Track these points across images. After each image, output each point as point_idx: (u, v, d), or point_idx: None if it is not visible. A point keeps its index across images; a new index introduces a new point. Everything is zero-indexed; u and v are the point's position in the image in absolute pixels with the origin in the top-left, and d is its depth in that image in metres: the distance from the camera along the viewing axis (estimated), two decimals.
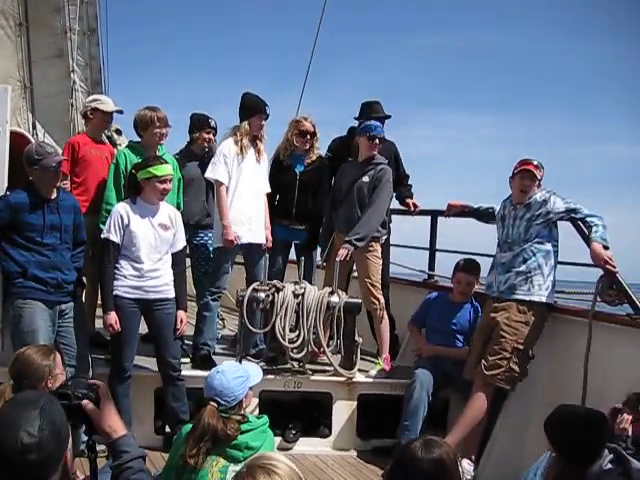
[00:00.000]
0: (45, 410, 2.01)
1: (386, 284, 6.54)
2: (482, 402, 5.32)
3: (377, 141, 6.18)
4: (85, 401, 2.45)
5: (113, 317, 5.22)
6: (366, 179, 6.15)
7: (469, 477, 5.24)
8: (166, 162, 5.45)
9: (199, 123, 6.74)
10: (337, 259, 6.02)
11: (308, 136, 6.51)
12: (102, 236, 5.32)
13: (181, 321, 5.44)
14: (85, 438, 2.90)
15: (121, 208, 5.33)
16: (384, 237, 6.36)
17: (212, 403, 3.52)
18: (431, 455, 2.47)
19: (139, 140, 5.97)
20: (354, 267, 6.50)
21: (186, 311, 5.55)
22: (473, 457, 5.39)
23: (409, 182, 7.03)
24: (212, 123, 6.77)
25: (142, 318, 5.44)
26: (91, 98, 6.77)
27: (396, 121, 7.01)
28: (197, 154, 6.70)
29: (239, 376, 3.66)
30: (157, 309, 5.37)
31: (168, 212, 5.48)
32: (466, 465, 5.18)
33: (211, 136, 6.74)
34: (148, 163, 5.38)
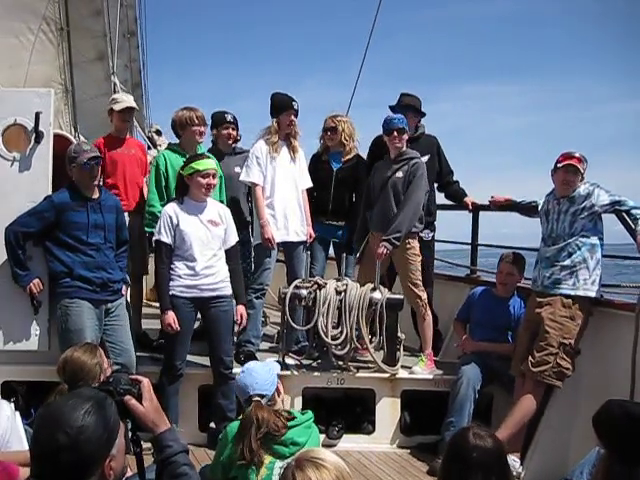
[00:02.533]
0: (89, 413, 2.02)
1: (430, 282, 6.50)
2: (531, 400, 5.25)
3: (395, 133, 6.09)
4: (127, 397, 2.46)
5: (171, 316, 5.26)
6: (400, 175, 6.08)
7: (515, 473, 5.19)
8: (209, 157, 5.50)
9: (217, 120, 6.70)
10: (377, 257, 6.00)
11: (329, 132, 6.60)
12: (154, 238, 5.38)
13: (241, 316, 5.48)
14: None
15: (170, 209, 5.38)
16: (425, 233, 6.33)
17: (256, 399, 3.55)
18: (486, 444, 2.57)
19: (178, 142, 6.02)
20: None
21: (246, 306, 5.59)
22: (518, 454, 5.33)
23: (455, 179, 6.92)
24: (228, 117, 6.68)
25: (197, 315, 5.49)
26: (110, 98, 6.88)
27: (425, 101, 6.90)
28: (222, 151, 6.67)
29: (263, 365, 3.80)
30: (213, 306, 5.40)
31: (217, 208, 5.51)
32: (512, 461, 5.13)
33: (230, 131, 6.68)
34: (191, 159, 5.43)
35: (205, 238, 5.35)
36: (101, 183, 5.91)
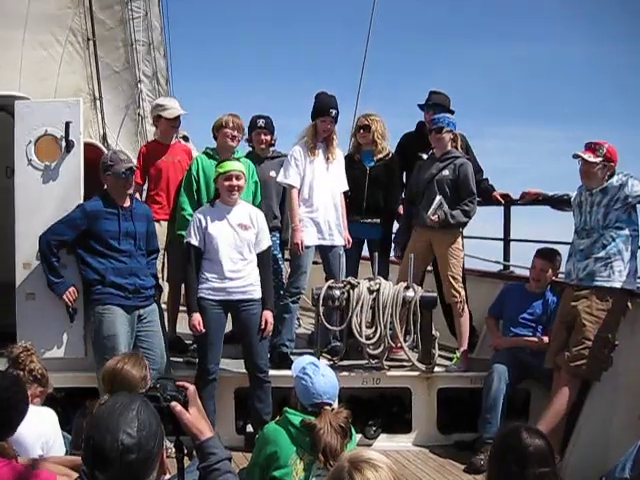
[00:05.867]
0: (141, 411, 2.06)
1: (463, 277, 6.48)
2: (566, 395, 5.19)
3: (435, 134, 6.12)
4: (174, 403, 2.48)
5: (196, 318, 5.28)
6: (446, 172, 6.08)
7: None
8: (236, 160, 5.51)
9: (250, 125, 6.68)
10: (411, 255, 5.99)
11: (362, 130, 6.57)
12: (185, 241, 5.41)
13: (266, 322, 5.43)
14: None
15: (200, 212, 5.40)
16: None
17: (327, 407, 3.54)
18: (539, 440, 2.60)
19: (214, 147, 6.05)
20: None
21: (273, 312, 5.56)
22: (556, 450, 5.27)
23: (484, 176, 6.84)
24: (260, 122, 6.64)
25: (229, 319, 5.50)
26: (155, 103, 6.90)
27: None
28: (259, 156, 6.67)
29: (332, 372, 3.75)
30: (243, 310, 5.39)
31: (248, 212, 5.49)
32: None
33: (262, 136, 6.65)
34: (218, 163, 5.47)
35: (233, 241, 5.34)
36: (144, 192, 5.95)
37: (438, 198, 6.02)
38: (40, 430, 3.58)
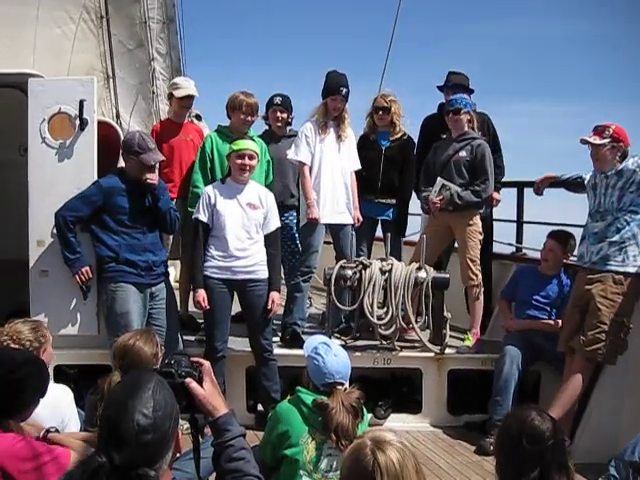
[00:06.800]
0: (156, 391, 2.05)
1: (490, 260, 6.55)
2: (580, 379, 5.19)
3: (453, 115, 6.10)
4: (188, 379, 2.48)
5: (201, 294, 5.31)
6: (463, 154, 6.06)
7: None
8: (250, 139, 5.51)
9: (267, 103, 6.66)
10: (423, 235, 5.99)
11: (380, 112, 6.52)
12: (193, 217, 5.43)
13: (272, 302, 5.44)
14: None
15: (210, 189, 5.42)
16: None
17: (339, 387, 3.54)
18: (549, 424, 2.60)
19: (227, 125, 6.04)
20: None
21: (279, 292, 5.57)
22: (567, 433, 5.26)
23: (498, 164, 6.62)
24: (276, 100, 6.59)
25: (236, 298, 5.51)
26: (171, 82, 6.91)
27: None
28: (276, 134, 6.65)
29: (344, 352, 3.74)
30: (249, 290, 5.41)
31: (258, 192, 5.49)
32: None
33: (278, 114, 6.59)
34: (232, 141, 5.47)
35: (241, 220, 5.35)
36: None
37: (438, 180, 6.01)
38: (55, 408, 3.60)
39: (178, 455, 3.66)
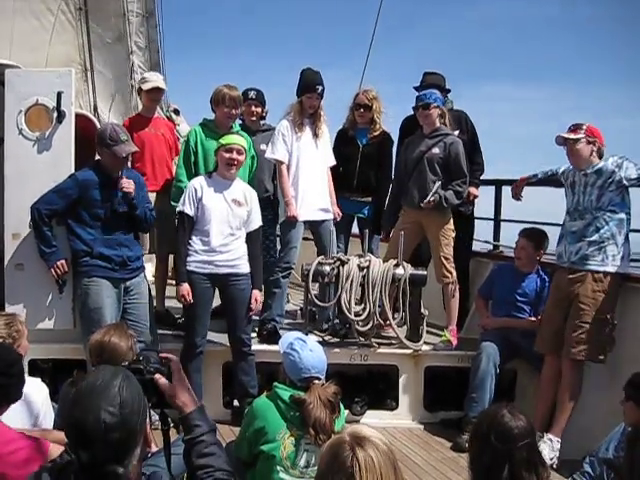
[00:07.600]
0: (123, 388, 2.05)
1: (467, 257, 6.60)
2: (577, 385, 5.25)
3: (423, 110, 6.04)
4: (157, 375, 2.47)
5: (185, 288, 5.31)
6: (436, 150, 6.02)
7: (555, 454, 5.16)
8: (239, 134, 5.50)
9: (243, 97, 6.50)
10: (401, 232, 5.99)
11: (362, 109, 6.52)
12: (177, 209, 5.42)
13: (255, 300, 5.48)
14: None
15: (196, 182, 5.42)
16: (464, 207, 6.34)
17: (316, 382, 3.54)
18: (520, 422, 2.62)
19: (212, 119, 6.01)
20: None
21: (261, 291, 5.57)
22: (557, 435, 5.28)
23: (477, 161, 6.65)
24: (250, 94, 6.54)
25: (217, 293, 5.52)
26: (140, 78, 6.89)
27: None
28: (251, 129, 6.57)
29: (319, 346, 3.75)
30: (231, 284, 5.42)
31: (243, 189, 5.51)
32: (555, 443, 5.14)
33: (253, 108, 6.58)
34: (220, 135, 5.47)
35: (225, 216, 5.36)
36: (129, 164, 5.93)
37: (438, 184, 5.99)
38: (30, 404, 3.57)
39: (150, 451, 3.65)
